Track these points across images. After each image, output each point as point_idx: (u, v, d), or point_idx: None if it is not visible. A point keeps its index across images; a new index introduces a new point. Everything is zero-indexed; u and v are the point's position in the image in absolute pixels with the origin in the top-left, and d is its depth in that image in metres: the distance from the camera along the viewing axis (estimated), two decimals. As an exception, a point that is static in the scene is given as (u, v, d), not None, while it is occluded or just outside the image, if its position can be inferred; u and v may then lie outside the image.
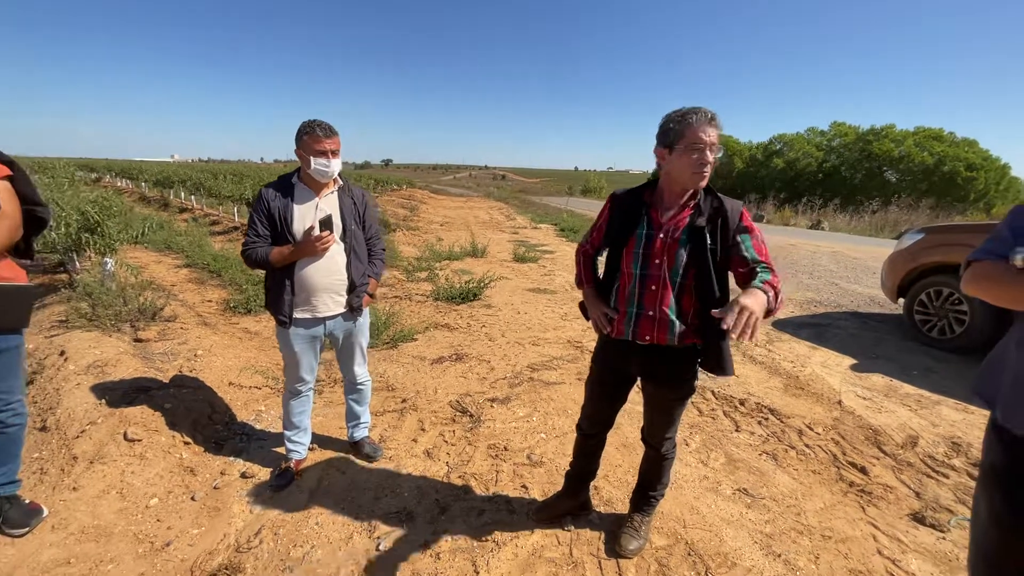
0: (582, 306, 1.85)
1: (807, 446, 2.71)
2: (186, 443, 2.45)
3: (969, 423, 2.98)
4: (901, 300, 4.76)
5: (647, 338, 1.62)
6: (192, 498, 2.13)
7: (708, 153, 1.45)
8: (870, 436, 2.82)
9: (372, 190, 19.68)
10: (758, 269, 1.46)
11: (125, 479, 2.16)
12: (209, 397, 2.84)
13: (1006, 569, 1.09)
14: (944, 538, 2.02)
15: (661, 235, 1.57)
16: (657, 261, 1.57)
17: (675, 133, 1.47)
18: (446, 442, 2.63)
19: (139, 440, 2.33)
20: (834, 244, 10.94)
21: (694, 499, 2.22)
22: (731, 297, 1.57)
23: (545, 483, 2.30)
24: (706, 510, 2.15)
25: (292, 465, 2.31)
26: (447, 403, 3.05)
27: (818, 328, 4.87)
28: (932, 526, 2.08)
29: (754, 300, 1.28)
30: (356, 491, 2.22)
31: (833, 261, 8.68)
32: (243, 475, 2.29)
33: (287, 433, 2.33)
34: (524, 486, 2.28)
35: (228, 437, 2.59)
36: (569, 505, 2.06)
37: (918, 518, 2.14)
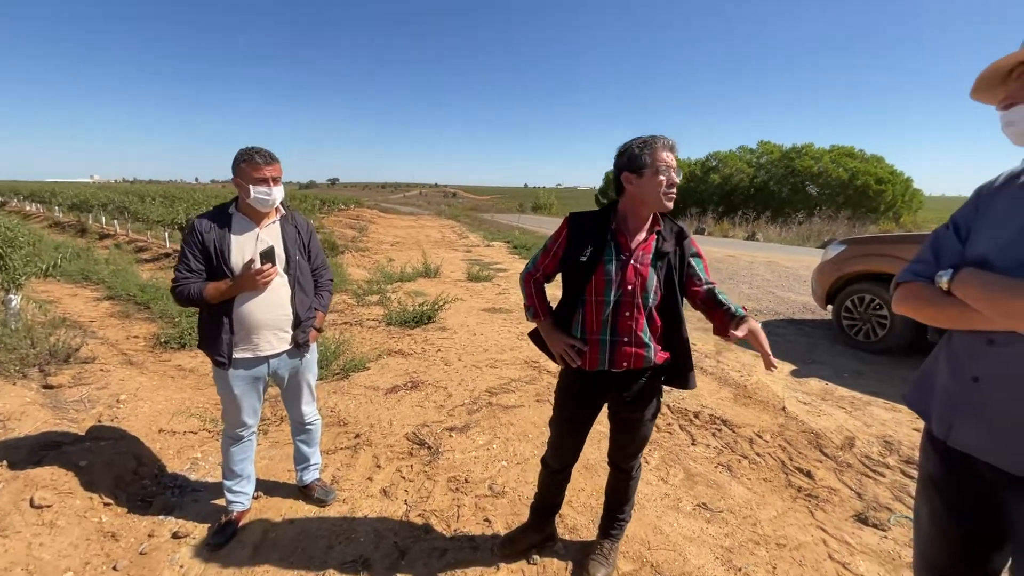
0: (535, 339, 1.78)
1: (758, 454, 2.81)
2: (106, 504, 2.18)
3: (898, 421, 3.22)
4: (830, 307, 5.14)
5: (624, 364, 1.61)
6: (114, 568, 1.89)
7: (674, 176, 1.51)
8: (812, 440, 2.98)
9: (318, 210, 19.02)
10: (715, 290, 1.59)
11: (33, 553, 1.88)
12: (134, 448, 2.56)
13: (950, 569, 1.16)
14: (886, 537, 2.14)
15: (632, 260, 1.57)
16: (630, 287, 1.57)
17: (642, 158, 1.50)
18: (404, 478, 2.51)
19: (49, 506, 2.05)
20: (768, 254, 11.71)
21: (657, 519, 2.23)
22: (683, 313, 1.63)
23: (509, 514, 2.24)
24: (669, 529, 2.16)
25: (233, 517, 2.12)
26: (403, 435, 2.93)
27: (760, 336, 5.14)
28: (875, 526, 2.20)
29: (757, 325, 1.45)
30: (307, 541, 2.06)
31: (769, 271, 9.27)
32: (175, 535, 2.07)
33: (227, 483, 2.13)
34: (487, 519, 2.21)
35: (157, 493, 2.34)
36: (535, 538, 2.00)
37: (861, 519, 2.25)
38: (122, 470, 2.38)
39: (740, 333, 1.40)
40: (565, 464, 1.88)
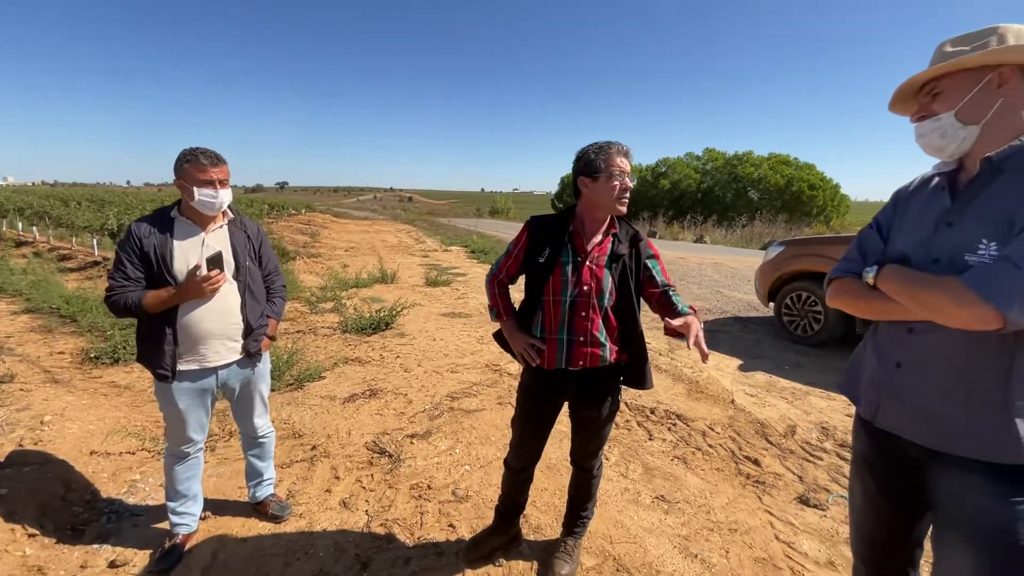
0: (499, 339, 1.83)
1: (710, 446, 2.95)
2: (31, 535, 1.99)
3: (833, 409, 3.47)
4: (772, 304, 5.47)
5: (580, 363, 1.66)
6: (41, 604, 1.73)
7: (628, 180, 1.57)
8: (759, 430, 3.16)
9: (266, 215, 18.20)
10: (669, 292, 1.65)
11: (-61, 596, 1.69)
12: (62, 473, 2.35)
13: (883, 545, 1.27)
14: (826, 515, 2.31)
15: (588, 262, 1.64)
16: (586, 288, 1.63)
17: (597, 163, 1.57)
18: (364, 488, 2.45)
19: (-39, 541, 1.85)
20: (716, 256, 12.31)
21: (618, 513, 2.29)
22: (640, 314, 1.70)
23: (473, 518, 2.23)
24: (630, 522, 2.23)
25: (179, 541, 1.98)
26: (363, 445, 2.86)
27: (710, 334, 5.39)
28: (815, 506, 2.37)
29: (696, 321, 1.46)
30: (261, 560, 1.96)
31: (716, 272, 9.75)
32: (112, 564, 1.91)
33: (171, 504, 2.00)
34: (451, 525, 2.19)
35: (90, 519, 2.16)
36: (500, 541, 2.00)
37: (803, 500, 2.42)
38: (49, 497, 2.18)
39: (675, 323, 1.42)
40: (527, 464, 1.90)
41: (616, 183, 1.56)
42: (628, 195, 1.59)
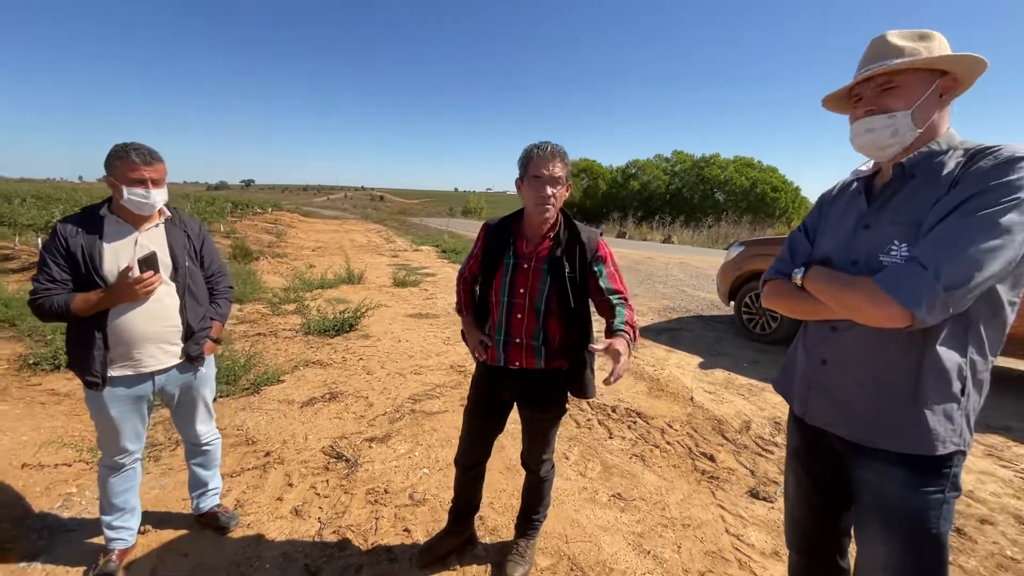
0: (463, 333, 1.87)
1: (668, 443, 3.01)
2: (-53, 557, 1.85)
3: (786, 405, 3.59)
4: (732, 303, 5.63)
5: (516, 363, 1.69)
6: (-44, 631, 1.61)
7: (547, 187, 1.53)
8: (716, 426, 3.24)
9: (229, 214, 17.56)
10: (614, 301, 1.60)
11: None
12: (-12, 488, 2.20)
13: (813, 534, 1.32)
14: (773, 507, 2.38)
15: (525, 264, 1.65)
16: (522, 290, 1.65)
17: (522, 166, 1.58)
18: (318, 495, 2.38)
19: None
20: (682, 256, 12.61)
21: (575, 512, 2.31)
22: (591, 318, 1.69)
23: (429, 522, 2.21)
24: (586, 521, 2.25)
25: (114, 557, 1.88)
26: (319, 450, 2.78)
27: (672, 332, 5.51)
28: (764, 499, 2.44)
29: (622, 345, 1.41)
30: (203, 573, 1.88)
31: (682, 271, 9.98)
32: (40, 584, 1.80)
33: (106, 518, 1.89)
34: (407, 530, 2.16)
35: (18, 537, 2.03)
36: (453, 543, 1.99)
37: (753, 493, 2.49)
38: (-31, 515, 2.03)
39: (598, 347, 1.40)
40: (475, 460, 1.91)
41: (535, 189, 1.54)
42: (549, 201, 1.53)
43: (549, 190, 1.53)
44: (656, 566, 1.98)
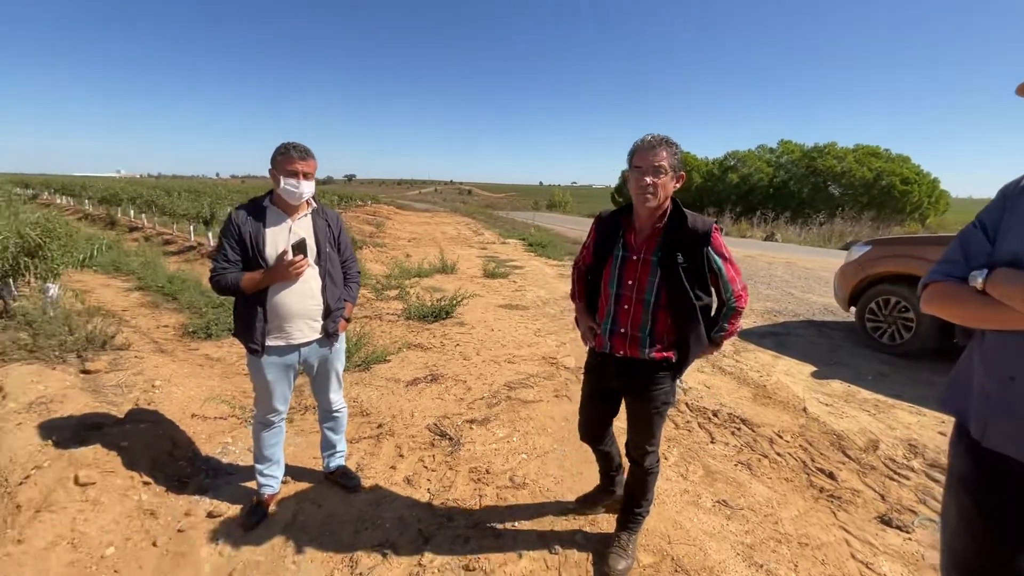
0: (576, 319, 1.95)
1: (778, 454, 2.80)
2: (145, 483, 2.28)
3: (923, 425, 3.17)
4: (853, 308, 5.05)
5: (620, 352, 1.72)
6: (154, 544, 1.98)
7: (647, 177, 1.54)
8: (835, 441, 2.95)
9: (336, 206, 19.25)
10: (725, 298, 1.66)
11: (77, 528, 1.98)
12: (170, 431, 2.66)
13: (977, 567, 1.16)
14: (910, 538, 2.12)
15: (634, 256, 1.67)
16: (630, 282, 1.67)
17: (628, 158, 1.61)
18: (426, 468, 2.57)
19: (92, 483, 2.15)
20: (788, 255, 11.53)
21: (676, 513, 2.25)
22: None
23: (530, 504, 2.28)
24: (689, 524, 2.18)
25: (264, 500, 2.19)
26: (424, 427, 2.99)
27: (779, 337, 5.09)
28: (898, 527, 2.19)
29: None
30: (334, 524, 2.13)
31: (788, 272, 9.13)
32: (210, 514, 2.15)
33: (258, 467, 2.21)
34: (509, 509, 2.24)
35: (192, 474, 2.44)
36: (606, 498, 2.19)
37: (885, 520, 2.24)
38: (159, 452, 2.48)
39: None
40: (589, 440, 2.03)
41: (636, 179, 1.58)
42: (650, 191, 1.55)
43: (649, 179, 1.54)
44: (770, 581, 1.87)
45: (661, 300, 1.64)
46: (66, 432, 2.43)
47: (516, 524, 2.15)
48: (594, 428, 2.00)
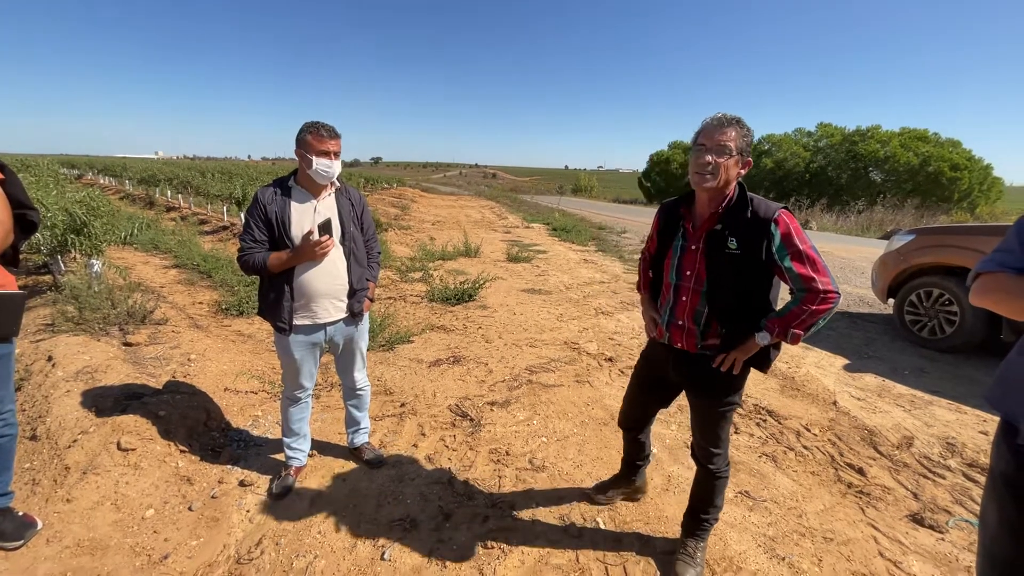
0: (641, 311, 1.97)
1: (805, 447, 2.73)
2: (182, 451, 2.40)
3: (962, 423, 3.03)
4: (891, 300, 4.84)
5: (679, 344, 1.68)
6: (189, 508, 2.08)
7: (707, 155, 1.45)
8: (866, 437, 2.86)
9: (362, 188, 19.49)
10: (791, 300, 1.52)
11: (119, 490, 2.11)
12: (205, 403, 2.78)
13: (1021, 573, 1.11)
14: (943, 539, 2.05)
15: (692, 246, 1.60)
16: (688, 272, 1.61)
17: (694, 137, 1.52)
18: (447, 447, 2.61)
19: (133, 449, 2.27)
20: (823, 244, 11.07)
21: (697, 502, 2.22)
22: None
23: (548, 487, 2.29)
24: (709, 514, 2.15)
25: (292, 472, 2.28)
26: (446, 407, 3.03)
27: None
28: (931, 527, 2.11)
29: (741, 352, 1.55)
30: (358, 499, 2.19)
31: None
32: (241, 483, 2.25)
33: (286, 440, 2.29)
34: (528, 491, 2.27)
35: (225, 444, 2.54)
36: (623, 486, 2.19)
37: (917, 519, 2.16)
38: (195, 422, 2.60)
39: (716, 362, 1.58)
40: (631, 426, 2.02)
41: (694, 159, 1.50)
42: (708, 170, 1.45)
43: (708, 157, 1.45)
44: (792, 574, 1.84)
45: (718, 292, 1.56)
46: (109, 400, 2.57)
47: (534, 506, 2.17)
48: (635, 414, 1.99)
